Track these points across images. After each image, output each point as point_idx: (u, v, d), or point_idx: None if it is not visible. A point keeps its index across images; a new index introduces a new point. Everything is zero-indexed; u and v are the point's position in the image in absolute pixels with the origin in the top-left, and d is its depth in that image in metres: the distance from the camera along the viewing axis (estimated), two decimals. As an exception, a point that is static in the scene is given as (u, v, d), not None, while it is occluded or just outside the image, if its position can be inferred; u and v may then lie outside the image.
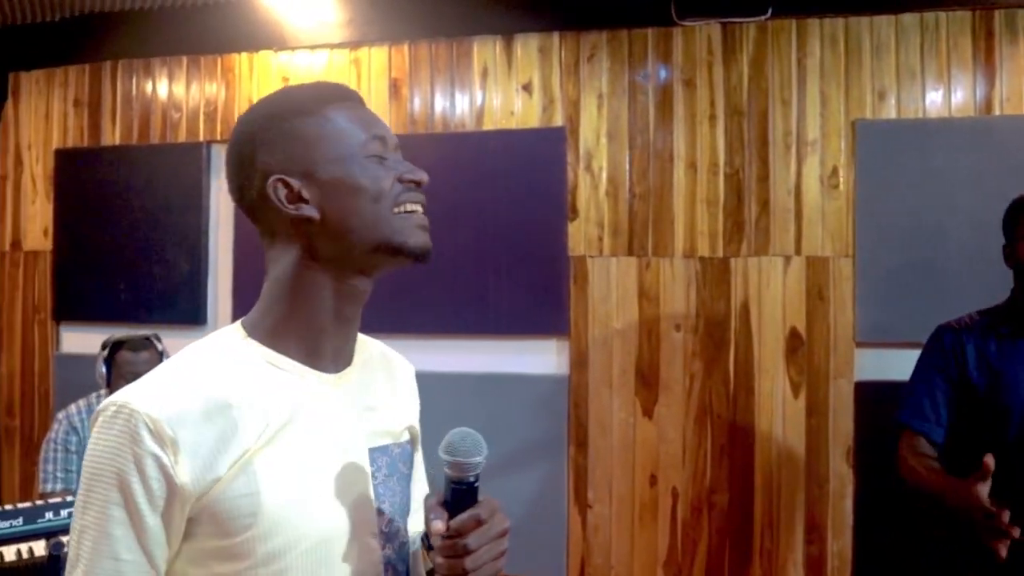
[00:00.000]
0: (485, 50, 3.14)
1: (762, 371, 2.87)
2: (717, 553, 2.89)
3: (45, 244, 3.66)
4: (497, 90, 3.13)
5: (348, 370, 1.11)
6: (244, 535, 0.94)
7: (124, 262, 3.51)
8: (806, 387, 2.83)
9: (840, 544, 2.80)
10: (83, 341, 3.43)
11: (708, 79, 2.92)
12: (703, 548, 2.90)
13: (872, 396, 2.77)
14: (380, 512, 1.07)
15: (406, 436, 1.21)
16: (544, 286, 3.06)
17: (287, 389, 1.02)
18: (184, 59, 3.49)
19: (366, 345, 1.21)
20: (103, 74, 3.61)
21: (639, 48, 2.98)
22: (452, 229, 3.12)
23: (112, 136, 3.60)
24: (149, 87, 3.55)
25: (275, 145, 1.03)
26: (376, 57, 3.26)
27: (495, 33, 3.11)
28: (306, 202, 1.02)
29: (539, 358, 3.09)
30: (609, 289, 3.01)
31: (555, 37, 3.06)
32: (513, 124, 3.11)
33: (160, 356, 2.85)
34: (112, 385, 2.69)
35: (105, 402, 0.95)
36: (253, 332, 1.05)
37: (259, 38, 3.36)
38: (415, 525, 1.19)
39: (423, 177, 1.06)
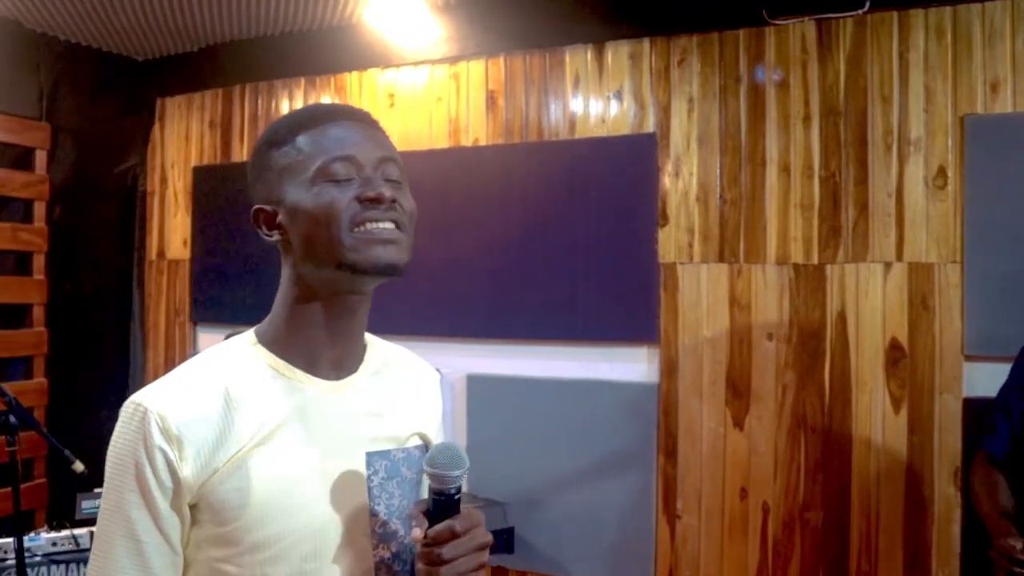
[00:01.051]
0: (577, 59, 3.17)
1: (860, 384, 2.72)
2: (810, 574, 2.76)
3: (184, 253, 4.02)
4: (588, 98, 3.15)
5: (351, 377, 1.16)
6: (234, 524, 1.02)
7: (251, 269, 3.80)
8: (908, 402, 2.66)
9: (946, 574, 2.61)
10: (215, 340, 3.72)
11: (802, 78, 2.81)
12: (795, 567, 2.78)
13: (982, 413, 2.56)
14: (374, 514, 1.11)
15: (415, 441, 1.23)
16: (635, 293, 3.04)
17: (286, 393, 1.09)
18: (302, 80, 3.74)
19: (380, 353, 1.25)
20: (233, 97, 3.92)
21: (730, 50, 2.91)
22: (545, 236, 3.17)
23: (241, 153, 3.91)
24: (272, 107, 3.82)
25: (257, 175, 1.12)
26: (474, 70, 3.36)
27: (586, 42, 3.14)
28: (280, 228, 1.09)
29: (629, 365, 3.07)
30: (699, 296, 2.95)
31: (645, 43, 3.04)
32: (604, 131, 3.12)
33: None
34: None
35: (127, 400, 1.05)
36: (261, 339, 1.14)
37: (367, 57, 3.55)
38: None
39: (380, 193, 1.05)
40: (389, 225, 1.07)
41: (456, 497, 1.05)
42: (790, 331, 2.81)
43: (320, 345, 1.13)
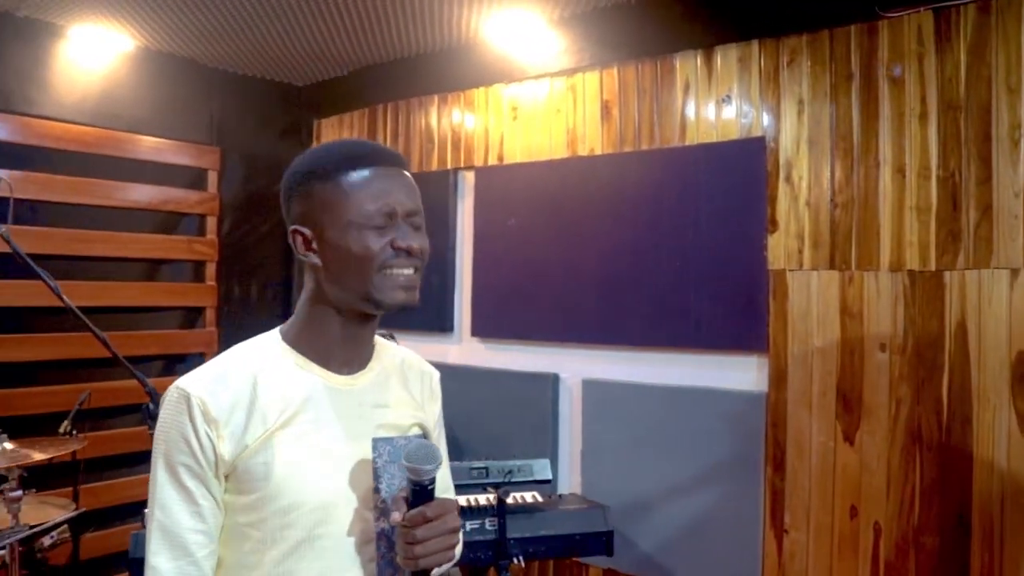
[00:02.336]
0: (687, 65, 3.15)
1: (982, 400, 2.51)
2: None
3: (336, 261, 4.35)
4: (698, 103, 3.12)
5: (360, 373, 1.35)
6: (257, 493, 1.22)
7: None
8: (1036, 421, 2.43)
9: (1080, 611, 2.36)
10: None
11: (918, 73, 2.64)
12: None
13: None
14: (377, 491, 1.28)
15: (415, 431, 1.41)
16: (744, 300, 2.98)
17: (305, 384, 1.29)
18: (435, 97, 3.96)
19: (389, 353, 1.44)
20: (377, 115, 4.22)
21: (841, 48, 2.79)
22: (656, 243, 3.18)
23: (385, 168, 4.19)
24: (411, 122, 4.08)
25: (298, 200, 1.30)
26: (589, 81, 3.42)
27: (696, 47, 3.11)
28: (315, 252, 1.28)
29: (738, 374, 3.01)
30: (809, 304, 2.84)
31: (754, 45, 2.98)
32: (714, 137, 3.08)
33: None
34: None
35: (172, 385, 1.26)
36: (285, 338, 1.34)
37: (492, 73, 3.70)
38: None
39: (412, 245, 1.25)
40: (410, 271, 1.27)
41: (430, 487, 1.21)
42: (905, 342, 2.65)
43: (334, 347, 1.31)
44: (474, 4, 3.27)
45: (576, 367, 3.45)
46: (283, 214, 1.34)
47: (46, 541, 2.96)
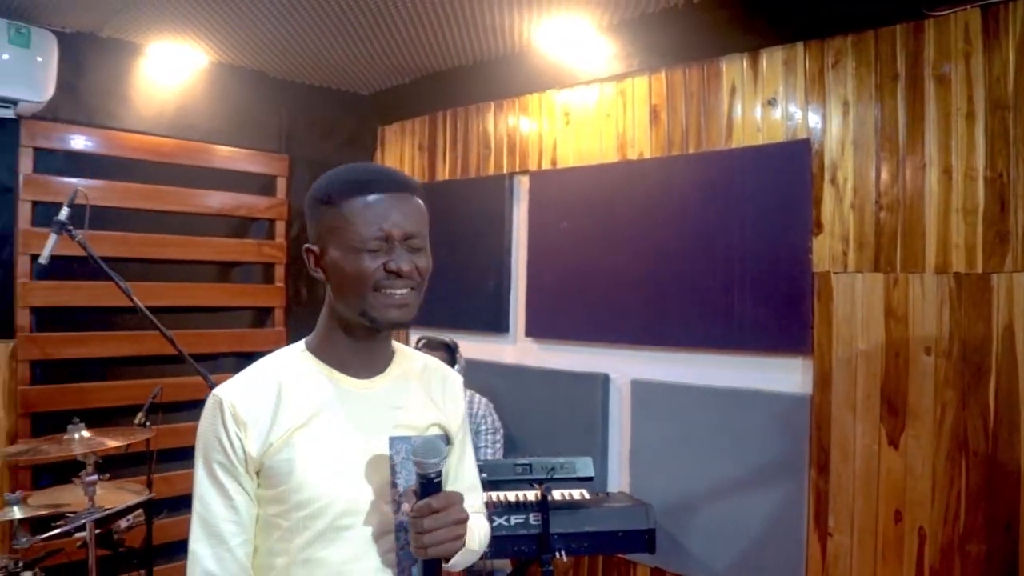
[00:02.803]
0: (733, 68, 3.16)
1: (1030, 405, 2.46)
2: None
3: (400, 263, 4.51)
4: (744, 106, 3.13)
5: (378, 377, 1.47)
6: (282, 487, 1.35)
7: (443, 278, 4.21)
8: (1085, 428, 2.37)
9: None
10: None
11: (965, 72, 2.60)
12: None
13: None
14: (395, 485, 1.40)
15: (433, 431, 1.51)
16: (788, 302, 2.98)
17: (325, 388, 1.41)
18: (492, 104, 4.07)
19: (410, 360, 1.55)
20: (437, 122, 4.36)
21: (886, 48, 2.76)
22: (703, 245, 3.21)
23: (444, 172, 4.33)
24: (469, 128, 4.20)
25: (310, 221, 1.44)
26: (638, 86, 3.47)
27: (741, 51, 3.12)
28: (322, 269, 1.41)
29: (782, 375, 3.01)
30: (854, 307, 2.83)
31: (799, 47, 2.97)
32: (760, 139, 3.08)
33: (453, 357, 3.42)
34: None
35: (210, 392, 1.40)
36: (308, 347, 1.47)
37: (545, 80, 3.79)
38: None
39: (402, 267, 1.35)
40: (404, 291, 1.37)
41: (436, 480, 1.31)
42: (950, 345, 2.61)
43: (349, 355, 1.44)
44: (526, 12, 3.35)
45: (625, 367, 3.51)
46: None
47: (122, 524, 3.19)
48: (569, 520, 2.96)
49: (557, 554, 2.88)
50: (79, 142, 3.75)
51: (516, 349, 3.99)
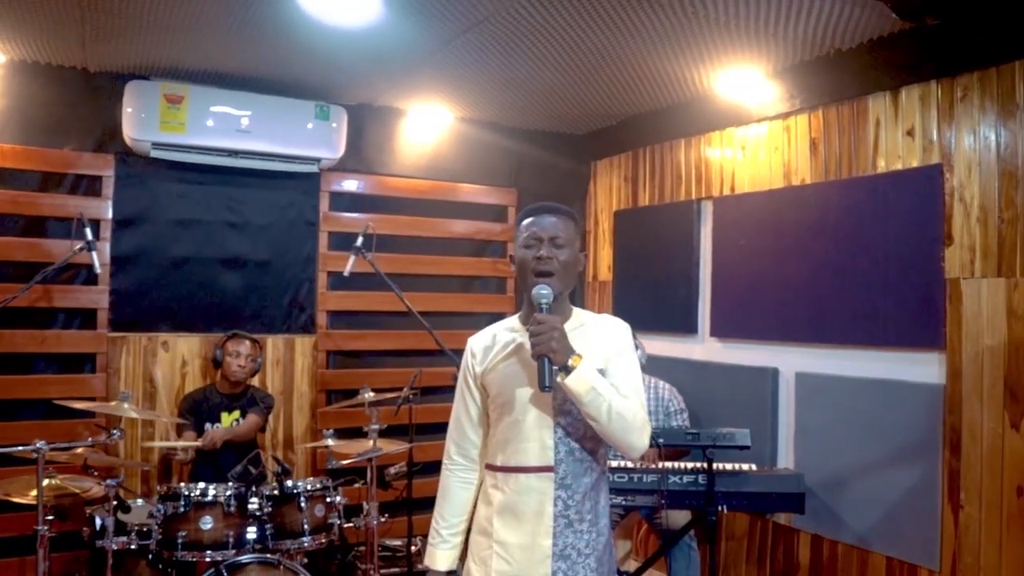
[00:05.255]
0: (877, 104, 3.68)
1: None
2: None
3: (608, 276, 5.37)
4: (887, 137, 3.64)
5: None
6: (492, 394, 2.25)
7: (642, 287, 4.98)
8: None
9: None
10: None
11: (1073, 103, 2.98)
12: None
13: None
14: (554, 397, 2.20)
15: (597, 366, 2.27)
16: (925, 305, 3.45)
17: (519, 336, 2.25)
18: (682, 140, 4.80)
19: (580, 317, 2.32)
20: (639, 157, 5.16)
21: (1006, 82, 3.18)
22: (853, 255, 3.74)
23: (645, 199, 5.11)
24: (663, 162, 4.96)
25: (515, 235, 2.32)
26: (800, 123, 4.06)
27: (884, 89, 3.64)
28: (514, 263, 2.29)
29: (920, 368, 3.47)
30: (980, 308, 3.25)
31: (933, 85, 3.45)
32: (899, 165, 3.58)
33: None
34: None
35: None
36: (520, 314, 2.34)
37: (725, 119, 4.47)
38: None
39: (542, 255, 2.16)
40: (546, 270, 2.18)
41: (543, 307, 2.11)
42: (1063, 340, 2.99)
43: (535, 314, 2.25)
44: (708, 65, 4.05)
45: (791, 362, 4.09)
46: None
47: (391, 470, 4.28)
48: (732, 482, 3.61)
49: (720, 508, 3.55)
50: (360, 186, 5.00)
51: (704, 348, 4.67)
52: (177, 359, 4.54)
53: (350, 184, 4.99)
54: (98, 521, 3.24)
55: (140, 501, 3.67)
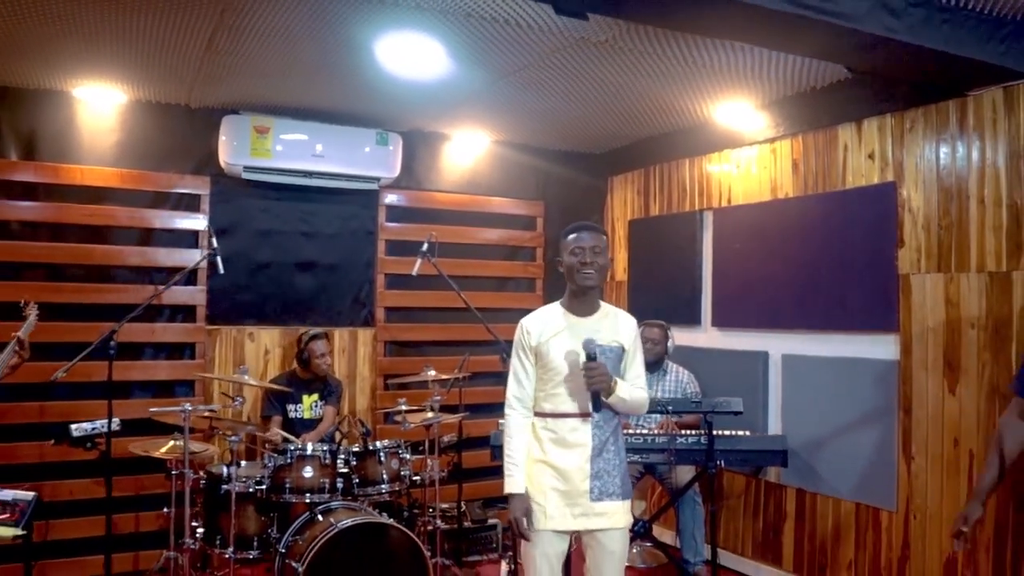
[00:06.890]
0: (845, 133, 4.49)
1: (1036, 361, 3.58)
2: (1002, 509, 3.67)
3: (624, 277, 6.19)
4: (852, 159, 4.45)
5: (589, 317, 3.10)
6: (542, 361, 3.05)
7: (659, 285, 5.80)
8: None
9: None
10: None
11: (992, 132, 3.77)
12: (991, 504, 3.69)
13: None
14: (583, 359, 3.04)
15: (614, 344, 3.10)
16: (883, 296, 4.25)
17: (563, 319, 3.07)
18: (687, 159, 5.63)
19: (605, 309, 3.15)
20: (650, 173, 5.99)
21: (943, 117, 3.98)
22: (827, 256, 4.54)
23: (654, 210, 5.93)
24: (671, 178, 5.79)
25: (560, 246, 3.12)
26: (783, 146, 4.88)
27: (851, 120, 4.44)
28: (561, 265, 3.09)
29: (879, 347, 4.27)
30: (925, 298, 4.05)
31: (888, 118, 4.25)
32: (863, 182, 4.38)
33: (666, 334, 5.00)
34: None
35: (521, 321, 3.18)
36: (560, 303, 3.15)
37: (722, 142, 5.29)
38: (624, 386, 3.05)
39: (585, 260, 2.95)
40: (589, 271, 2.97)
41: (593, 356, 2.91)
42: (987, 322, 3.78)
43: (575, 305, 3.07)
44: (708, 98, 4.85)
45: (778, 345, 4.90)
46: None
47: (445, 438, 5.09)
48: (728, 443, 4.42)
49: (719, 463, 4.35)
50: (412, 201, 5.84)
51: (706, 336, 5.47)
52: (261, 348, 5.39)
53: (403, 199, 5.85)
54: (224, 470, 4.07)
55: (244, 462, 4.50)
